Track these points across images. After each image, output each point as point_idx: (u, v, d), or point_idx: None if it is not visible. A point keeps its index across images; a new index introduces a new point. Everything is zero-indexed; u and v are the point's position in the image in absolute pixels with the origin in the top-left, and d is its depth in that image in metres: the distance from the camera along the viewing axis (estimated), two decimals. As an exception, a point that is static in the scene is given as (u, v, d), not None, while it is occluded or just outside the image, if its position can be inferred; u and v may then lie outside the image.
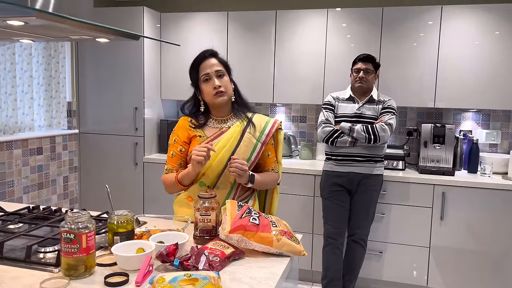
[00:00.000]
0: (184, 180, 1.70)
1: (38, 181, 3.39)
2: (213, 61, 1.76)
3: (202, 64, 1.76)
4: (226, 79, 1.77)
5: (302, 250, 1.44)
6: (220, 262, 1.30)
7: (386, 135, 2.71)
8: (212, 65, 1.75)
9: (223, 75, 1.76)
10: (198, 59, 1.78)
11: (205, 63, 1.75)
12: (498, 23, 3.02)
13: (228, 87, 1.77)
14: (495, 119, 3.41)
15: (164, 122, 3.76)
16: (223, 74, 1.76)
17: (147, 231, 1.53)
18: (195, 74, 1.77)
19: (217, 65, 1.76)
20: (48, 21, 1.21)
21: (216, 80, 1.73)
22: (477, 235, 2.94)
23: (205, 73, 1.74)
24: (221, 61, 1.79)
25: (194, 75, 1.78)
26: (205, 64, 1.75)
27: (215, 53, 1.80)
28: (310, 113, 3.79)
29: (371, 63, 2.80)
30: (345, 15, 3.29)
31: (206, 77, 1.74)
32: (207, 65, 1.75)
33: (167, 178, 1.78)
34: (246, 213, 1.46)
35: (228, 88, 1.76)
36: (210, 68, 1.74)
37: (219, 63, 1.77)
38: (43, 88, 3.42)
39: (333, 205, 2.86)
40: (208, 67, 1.74)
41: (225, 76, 1.77)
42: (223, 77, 1.76)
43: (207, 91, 1.75)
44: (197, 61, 1.77)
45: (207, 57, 1.77)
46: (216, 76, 1.74)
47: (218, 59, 1.78)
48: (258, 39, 3.50)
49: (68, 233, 1.20)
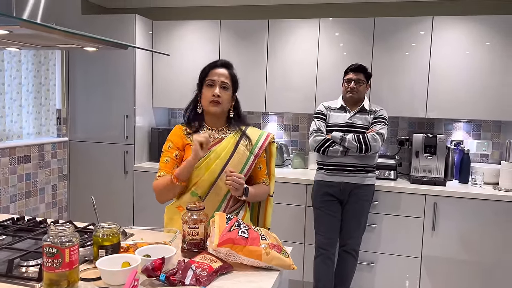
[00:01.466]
0: (182, 172, 1.66)
1: (25, 190, 3.33)
2: (223, 71, 1.79)
3: (213, 70, 1.79)
4: (227, 93, 1.78)
5: (292, 264, 1.41)
6: (207, 276, 1.28)
7: (377, 144, 2.71)
8: (221, 74, 1.78)
9: (227, 88, 1.78)
10: (211, 64, 1.81)
11: (216, 70, 1.78)
12: (488, 34, 3.05)
13: (225, 101, 1.77)
14: (485, 129, 3.42)
15: (155, 130, 3.72)
16: (227, 88, 1.78)
17: (134, 244, 1.49)
18: (203, 76, 1.80)
19: (225, 76, 1.78)
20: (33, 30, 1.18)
21: (217, 89, 1.74)
22: (468, 245, 2.93)
23: (211, 79, 1.77)
24: (231, 75, 1.81)
25: (202, 76, 1.81)
26: (215, 71, 1.78)
27: (228, 65, 1.83)
28: (302, 122, 3.78)
29: (362, 73, 2.81)
30: (337, 25, 3.30)
31: (210, 82, 1.77)
32: (216, 72, 1.78)
33: (160, 181, 1.73)
34: (235, 226, 1.43)
35: (225, 102, 1.77)
36: (218, 77, 1.77)
37: (228, 76, 1.79)
38: (32, 95, 3.38)
39: (324, 215, 2.84)
40: (216, 75, 1.77)
41: (228, 90, 1.78)
42: (225, 90, 1.77)
43: (206, 95, 1.77)
44: (210, 65, 1.81)
45: (219, 65, 1.80)
46: (219, 86, 1.75)
47: (229, 72, 1.81)
48: (250, 48, 3.49)
49: (51, 247, 1.17)
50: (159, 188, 1.74)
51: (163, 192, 1.73)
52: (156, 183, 1.75)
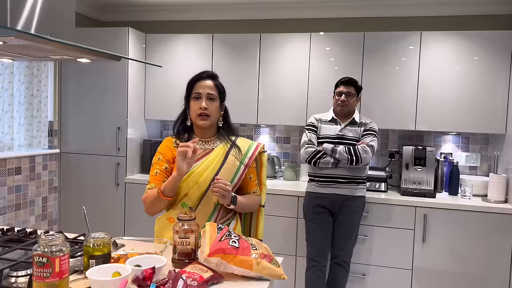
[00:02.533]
0: (167, 188, 1.65)
1: (15, 202, 3.30)
2: (208, 83, 1.79)
3: (198, 83, 1.79)
4: (215, 104, 1.78)
5: (282, 274, 1.42)
6: (198, 286, 1.28)
7: (367, 156, 2.74)
8: (206, 86, 1.78)
9: (214, 99, 1.78)
10: (196, 76, 1.81)
11: (201, 82, 1.79)
12: (476, 49, 3.12)
13: (214, 113, 1.78)
14: (474, 142, 3.48)
15: (147, 142, 3.73)
16: (213, 99, 1.78)
17: (125, 254, 1.49)
18: (189, 90, 1.81)
19: (211, 88, 1.78)
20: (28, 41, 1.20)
21: (204, 102, 1.75)
22: (458, 257, 2.95)
23: (197, 92, 1.77)
24: (217, 86, 1.81)
25: (188, 90, 1.82)
26: (200, 83, 1.79)
27: (213, 76, 1.83)
28: (294, 134, 3.81)
29: (353, 87, 2.85)
30: (328, 39, 3.36)
31: (196, 95, 1.77)
32: (202, 85, 1.78)
33: (149, 194, 1.73)
34: (226, 236, 1.44)
35: (213, 114, 1.78)
36: (203, 89, 1.77)
37: (214, 87, 1.79)
38: (24, 106, 3.38)
39: (315, 227, 2.84)
40: (201, 87, 1.77)
41: (215, 101, 1.79)
42: (212, 101, 1.78)
43: (193, 109, 1.77)
44: (195, 78, 1.81)
45: (205, 77, 1.80)
46: (206, 98, 1.76)
47: (215, 83, 1.81)
48: (242, 61, 3.53)
49: (41, 257, 1.16)
50: (148, 201, 1.74)
51: (151, 205, 1.73)
52: (145, 196, 1.75)
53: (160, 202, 1.70)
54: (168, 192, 1.66)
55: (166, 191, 1.66)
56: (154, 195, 1.69)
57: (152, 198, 1.71)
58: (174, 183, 1.65)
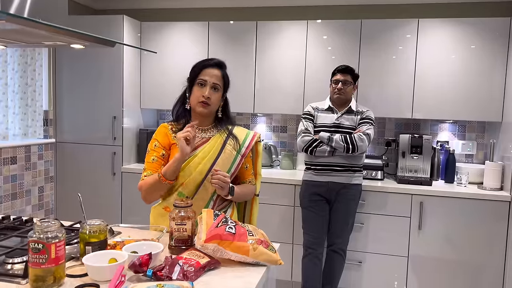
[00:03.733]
0: (169, 171, 1.64)
1: (11, 191, 3.29)
2: (216, 72, 1.76)
3: (206, 70, 1.75)
4: (217, 95, 1.76)
5: (279, 259, 1.42)
6: (194, 272, 1.28)
7: (364, 144, 2.74)
8: (213, 75, 1.74)
9: (218, 89, 1.76)
10: (204, 62, 1.77)
11: (209, 70, 1.75)
12: (473, 37, 3.11)
13: (215, 103, 1.76)
14: (470, 130, 3.48)
15: (143, 131, 3.71)
16: (217, 89, 1.76)
17: (121, 241, 1.49)
18: (194, 74, 1.77)
19: (217, 77, 1.75)
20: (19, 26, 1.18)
21: (208, 91, 1.72)
22: (454, 244, 2.97)
23: (203, 78, 1.74)
24: (224, 76, 1.78)
25: (193, 74, 1.77)
26: (208, 70, 1.75)
27: (222, 65, 1.79)
28: (291, 123, 3.80)
29: (349, 75, 2.84)
30: (324, 27, 3.34)
31: (201, 82, 1.74)
32: (209, 72, 1.74)
33: (147, 180, 1.71)
34: (222, 222, 1.44)
35: (214, 103, 1.76)
36: (210, 77, 1.74)
37: (220, 77, 1.77)
38: (18, 96, 3.35)
39: (312, 215, 2.85)
40: (208, 75, 1.74)
41: (218, 91, 1.76)
42: (216, 91, 1.75)
43: (196, 95, 1.74)
44: (203, 64, 1.77)
45: (213, 65, 1.76)
46: (210, 87, 1.73)
47: (222, 73, 1.78)
48: (239, 49, 3.51)
49: (36, 243, 1.16)
50: (146, 187, 1.71)
51: (150, 191, 1.71)
52: (143, 182, 1.73)
53: (161, 186, 1.68)
54: (170, 175, 1.65)
55: (167, 174, 1.65)
56: (153, 180, 1.68)
57: (152, 183, 1.69)
58: (177, 164, 1.64)
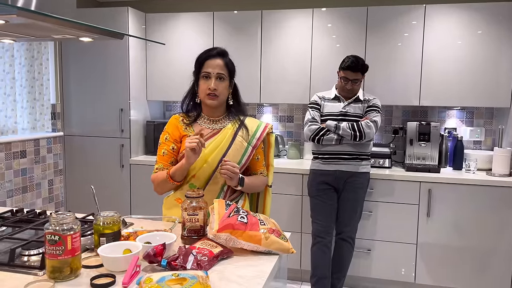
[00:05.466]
0: (176, 174, 1.68)
1: (22, 185, 3.33)
2: (218, 61, 1.73)
3: (208, 61, 1.73)
4: (224, 84, 1.74)
5: (291, 248, 1.43)
6: (208, 261, 1.29)
7: (371, 132, 2.73)
8: (216, 65, 1.72)
9: (224, 79, 1.74)
10: (205, 54, 1.75)
11: (210, 61, 1.73)
12: (480, 21, 3.07)
13: (223, 93, 1.75)
14: (478, 116, 3.46)
15: (150, 123, 3.72)
16: (223, 78, 1.74)
17: (134, 232, 1.51)
18: (198, 67, 1.75)
19: (221, 67, 1.73)
20: (30, 20, 1.19)
21: (213, 81, 1.71)
22: (463, 231, 2.97)
23: (207, 71, 1.72)
24: (227, 64, 1.76)
25: (197, 67, 1.76)
26: (210, 62, 1.73)
27: (223, 54, 1.77)
28: (297, 112, 3.80)
29: (360, 72, 2.78)
30: (330, 14, 3.31)
31: (206, 74, 1.73)
32: (211, 64, 1.73)
33: (158, 175, 1.75)
34: (234, 212, 1.45)
35: (222, 93, 1.74)
36: (213, 68, 1.72)
37: (224, 66, 1.74)
38: (26, 90, 3.36)
39: (320, 204, 2.86)
40: (210, 67, 1.72)
41: (225, 80, 1.74)
42: (222, 81, 1.73)
43: (202, 88, 1.74)
44: (204, 56, 1.75)
45: (215, 55, 1.74)
46: (215, 78, 1.72)
47: (224, 61, 1.75)
48: (244, 39, 3.49)
49: (53, 235, 1.18)
50: (157, 182, 1.76)
51: (160, 187, 1.76)
52: (154, 176, 1.77)
53: (168, 185, 1.72)
54: (177, 177, 1.69)
55: (175, 176, 1.68)
56: (163, 178, 1.71)
57: (161, 180, 1.73)
58: (183, 170, 1.67)
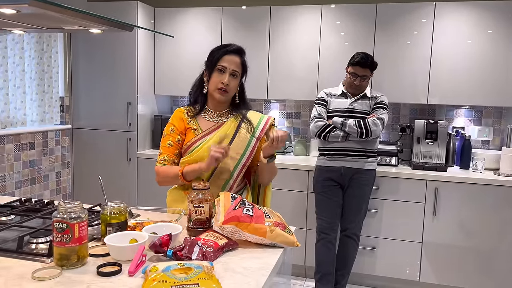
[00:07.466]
0: (189, 175, 1.69)
1: (30, 176, 3.36)
2: (236, 59, 1.76)
3: (226, 56, 1.75)
4: (235, 82, 1.77)
5: (296, 241, 1.44)
6: (213, 252, 1.30)
7: (378, 129, 2.72)
8: (233, 62, 1.75)
9: (236, 76, 1.76)
10: (225, 48, 1.76)
11: (229, 56, 1.75)
12: (490, 21, 3.05)
13: (232, 90, 1.77)
14: (487, 116, 3.44)
15: (157, 117, 3.74)
16: (236, 76, 1.76)
17: (140, 222, 1.52)
18: (214, 59, 1.76)
19: (237, 64, 1.75)
20: (41, 10, 1.20)
21: (227, 78, 1.73)
22: (469, 231, 2.96)
23: (223, 65, 1.74)
24: (243, 63, 1.79)
25: (212, 59, 1.77)
26: (228, 57, 1.74)
27: (242, 52, 1.79)
28: (304, 109, 3.79)
29: (369, 69, 2.77)
30: (339, 11, 3.30)
31: (221, 68, 1.74)
32: (229, 59, 1.74)
33: (167, 170, 1.75)
34: (240, 204, 1.46)
35: (232, 91, 1.77)
36: (230, 64, 1.74)
37: (240, 64, 1.77)
38: (35, 82, 3.40)
39: (325, 200, 2.86)
40: (228, 62, 1.74)
41: (237, 78, 1.77)
42: (235, 78, 1.76)
43: (215, 81, 1.75)
44: (224, 50, 1.76)
45: (234, 52, 1.76)
46: (229, 74, 1.74)
47: (241, 60, 1.78)
48: (252, 35, 3.49)
49: (61, 223, 1.19)
50: (164, 176, 1.76)
51: (167, 180, 1.77)
52: (161, 170, 1.77)
53: (178, 182, 1.74)
54: (189, 178, 1.70)
55: (188, 176, 1.69)
56: (174, 174, 1.72)
57: (171, 176, 1.73)
58: (199, 172, 1.68)
